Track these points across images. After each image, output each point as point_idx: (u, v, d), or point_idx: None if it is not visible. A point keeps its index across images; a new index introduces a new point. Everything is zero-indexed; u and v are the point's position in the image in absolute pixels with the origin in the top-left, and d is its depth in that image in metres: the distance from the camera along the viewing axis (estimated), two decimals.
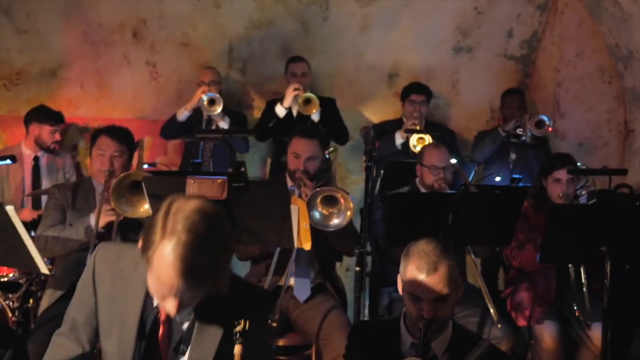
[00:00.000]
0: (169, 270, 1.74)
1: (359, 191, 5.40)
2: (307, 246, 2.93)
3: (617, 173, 3.59)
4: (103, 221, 3.32)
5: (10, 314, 3.84)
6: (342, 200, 3.29)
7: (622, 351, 3.65)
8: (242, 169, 2.76)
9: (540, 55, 5.45)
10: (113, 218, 3.31)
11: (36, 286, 3.94)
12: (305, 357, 3.66)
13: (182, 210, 1.77)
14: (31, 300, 3.94)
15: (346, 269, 5.06)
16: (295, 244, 2.90)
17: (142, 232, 1.82)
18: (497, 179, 4.02)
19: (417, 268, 2.22)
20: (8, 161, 3.42)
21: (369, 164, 3.02)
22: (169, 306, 1.80)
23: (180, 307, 1.81)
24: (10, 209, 2.72)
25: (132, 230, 3.46)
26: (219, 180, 2.72)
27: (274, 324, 3.21)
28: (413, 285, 2.22)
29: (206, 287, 1.81)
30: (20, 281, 3.90)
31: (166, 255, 1.73)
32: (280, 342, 3.51)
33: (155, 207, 2.85)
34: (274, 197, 2.82)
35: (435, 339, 2.26)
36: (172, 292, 1.77)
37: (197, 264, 1.74)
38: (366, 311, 3.74)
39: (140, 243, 1.83)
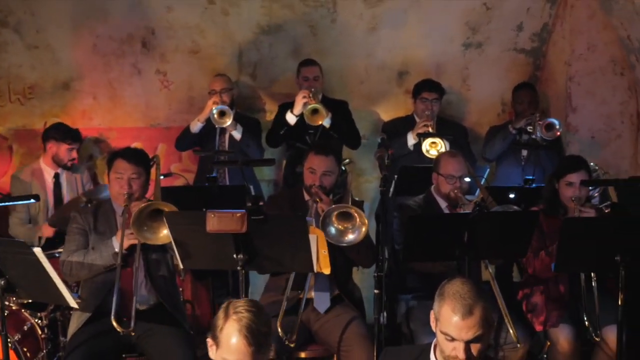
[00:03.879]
0: (238, 340, 2.22)
1: (373, 190, 5.53)
2: (327, 271, 3.02)
3: (630, 184, 3.63)
4: (126, 244, 3.43)
5: (39, 332, 4.00)
6: (356, 216, 3.38)
7: (637, 350, 3.74)
8: (261, 203, 2.84)
9: (551, 49, 5.46)
10: (136, 241, 3.41)
11: (62, 315, 4.09)
12: None
13: (237, 302, 2.32)
14: (58, 314, 4.09)
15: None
16: (315, 270, 3.01)
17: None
18: (511, 195, 4.08)
19: (453, 310, 2.26)
20: (32, 200, 3.52)
21: (383, 188, 3.08)
22: None
23: None
24: (37, 250, 2.83)
25: (153, 251, 3.58)
26: (238, 214, 2.85)
27: (292, 345, 3.32)
28: (448, 327, 2.27)
29: (266, 353, 2.27)
30: None
31: (235, 328, 2.23)
32: (302, 354, 3.63)
33: (177, 239, 2.99)
34: (293, 229, 2.92)
35: None
36: None
37: (260, 331, 2.23)
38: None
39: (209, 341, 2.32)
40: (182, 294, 4.21)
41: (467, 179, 3.70)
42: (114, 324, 3.28)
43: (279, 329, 3.28)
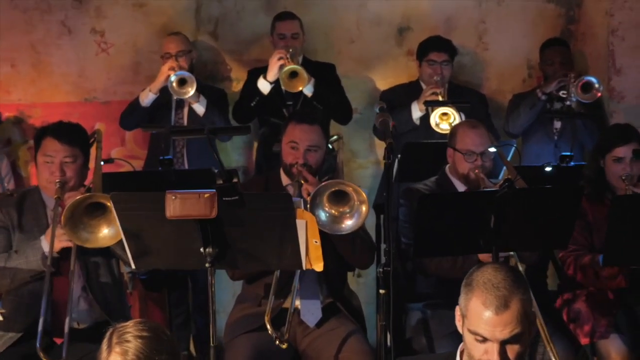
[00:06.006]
0: None
1: (369, 177, 5.55)
2: (319, 267, 2.99)
3: None
4: (58, 246, 3.38)
5: None
6: (354, 195, 3.36)
7: None
8: (234, 180, 2.82)
9: None
10: (70, 244, 3.36)
11: None
12: None
13: (124, 326, 2.20)
14: None
15: (358, 275, 5.16)
16: (304, 266, 2.98)
17: None
18: (547, 169, 4.11)
19: (484, 304, 2.26)
20: None
21: (389, 160, 3.08)
22: None
23: None
24: None
25: (93, 254, 3.53)
26: (206, 195, 2.80)
27: (283, 346, 3.30)
28: (478, 324, 2.27)
29: None
30: None
31: None
32: None
33: (127, 229, 2.95)
34: (276, 212, 2.89)
35: None
36: None
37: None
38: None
39: None
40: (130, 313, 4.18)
41: (492, 150, 3.71)
42: (40, 353, 3.20)
43: (268, 326, 3.27)
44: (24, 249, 3.45)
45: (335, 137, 4.26)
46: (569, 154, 4.41)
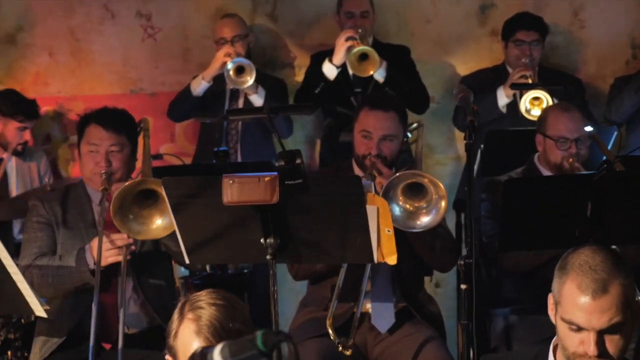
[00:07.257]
0: (200, 346, 2.16)
1: (447, 175, 5.58)
2: (392, 260, 3.04)
3: None
4: (106, 261, 3.46)
5: None
6: (431, 188, 3.42)
7: None
8: (298, 161, 2.91)
9: None
10: (119, 258, 3.46)
11: (15, 333, 4.16)
12: None
13: (197, 295, 2.31)
14: (9, 353, 4.18)
15: (436, 285, 5.20)
16: (376, 258, 3.04)
17: None
18: None
19: (579, 288, 2.29)
20: None
21: (470, 141, 3.14)
22: None
23: None
24: None
25: (146, 265, 3.69)
26: (267, 178, 2.87)
27: (348, 352, 3.38)
28: (573, 311, 2.30)
29: None
30: None
31: (192, 330, 2.21)
32: None
33: (180, 218, 3.08)
34: (344, 197, 2.97)
35: None
36: None
37: (229, 329, 2.21)
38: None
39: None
40: None
41: (589, 129, 3.75)
42: None
43: (330, 330, 3.37)
44: (67, 259, 3.57)
45: (415, 124, 4.29)
46: None
